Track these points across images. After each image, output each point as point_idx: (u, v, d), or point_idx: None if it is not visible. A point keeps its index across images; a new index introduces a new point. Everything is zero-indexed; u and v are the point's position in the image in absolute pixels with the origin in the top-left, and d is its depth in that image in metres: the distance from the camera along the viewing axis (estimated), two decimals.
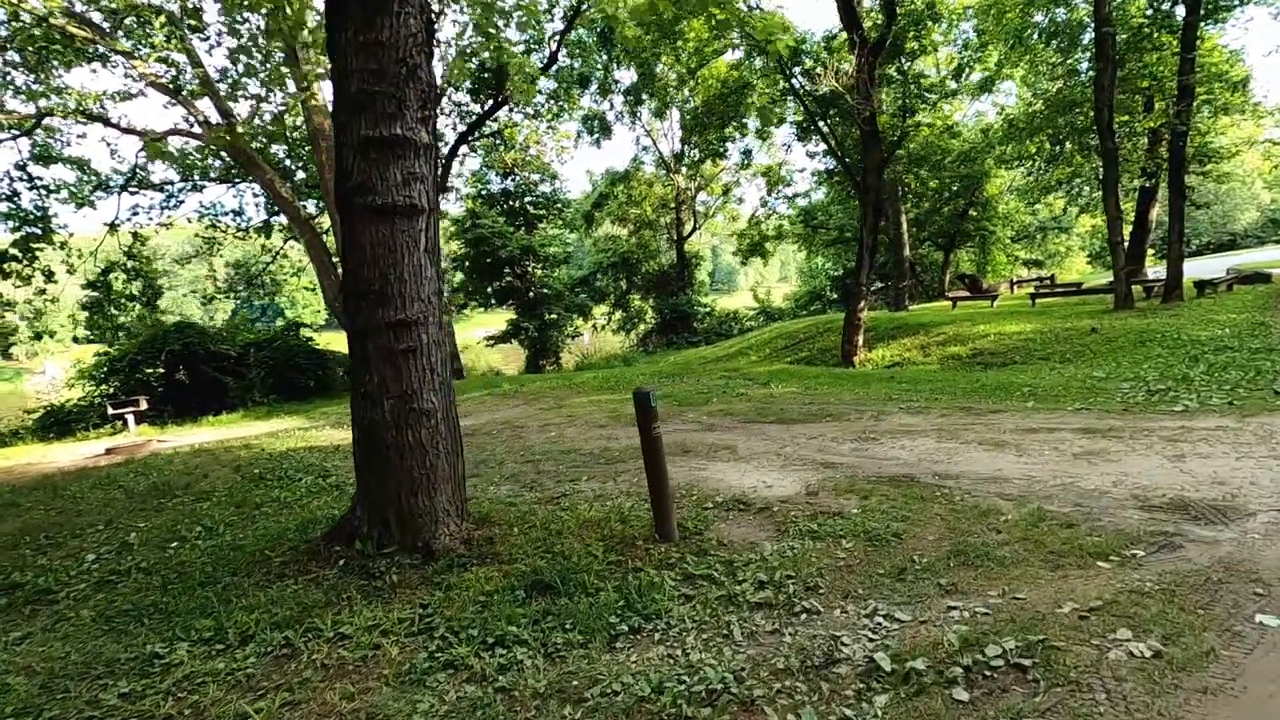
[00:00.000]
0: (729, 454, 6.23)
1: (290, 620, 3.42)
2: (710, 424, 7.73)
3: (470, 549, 4.18)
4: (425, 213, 4.14)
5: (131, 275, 19.47)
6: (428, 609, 3.45)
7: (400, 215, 4.02)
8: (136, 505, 6.54)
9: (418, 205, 4.08)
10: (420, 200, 4.10)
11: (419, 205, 4.09)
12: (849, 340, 14.44)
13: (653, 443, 3.98)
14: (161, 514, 6.13)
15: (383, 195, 3.96)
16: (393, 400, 4.10)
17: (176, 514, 6.05)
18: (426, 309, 4.16)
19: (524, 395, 12.36)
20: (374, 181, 3.95)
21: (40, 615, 4.01)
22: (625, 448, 6.87)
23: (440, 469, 4.22)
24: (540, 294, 26.63)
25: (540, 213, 28.07)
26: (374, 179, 3.95)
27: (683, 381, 11.96)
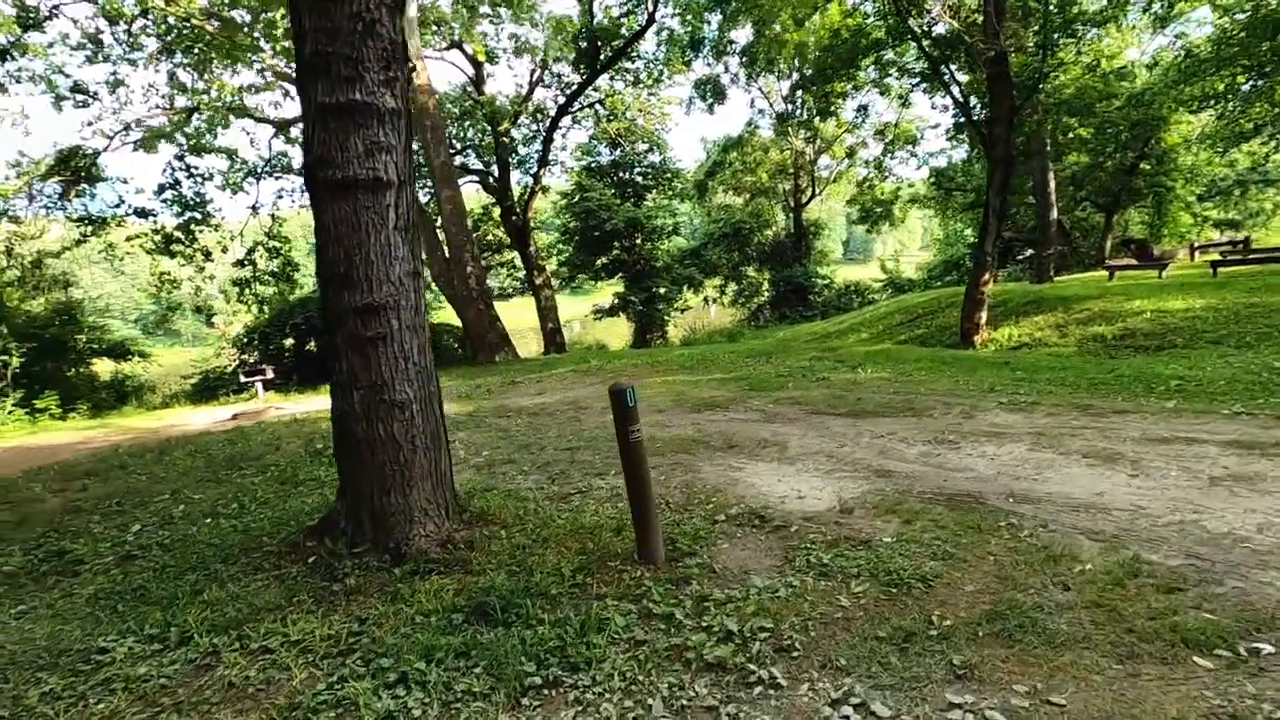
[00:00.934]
0: (776, 452, 5.49)
1: (232, 623, 3.26)
2: (773, 414, 6.96)
3: (447, 552, 3.85)
4: (393, 186, 3.78)
5: (272, 254, 21.30)
6: (364, 625, 3.14)
7: (363, 190, 3.68)
8: (208, 475, 6.92)
9: (383, 178, 3.72)
10: (386, 172, 3.74)
11: (384, 178, 3.73)
12: (969, 317, 12.79)
13: (631, 449, 3.41)
14: (220, 486, 6.41)
15: (342, 168, 3.63)
16: (362, 391, 3.82)
17: (232, 487, 6.29)
18: (398, 292, 3.81)
19: (605, 373, 12.06)
20: (333, 153, 3.63)
21: (56, 588, 4.18)
22: (672, 438, 6.31)
23: (416, 465, 3.91)
24: (648, 266, 26.26)
25: (649, 183, 27.55)
26: (333, 150, 3.63)
27: (769, 362, 11.10)
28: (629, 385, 3.39)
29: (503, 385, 12.33)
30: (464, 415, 8.99)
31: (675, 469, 5.30)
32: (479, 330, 17.54)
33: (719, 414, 7.25)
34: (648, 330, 26.22)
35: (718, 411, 7.39)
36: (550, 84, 19.08)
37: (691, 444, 6.02)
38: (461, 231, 17.31)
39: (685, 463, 5.47)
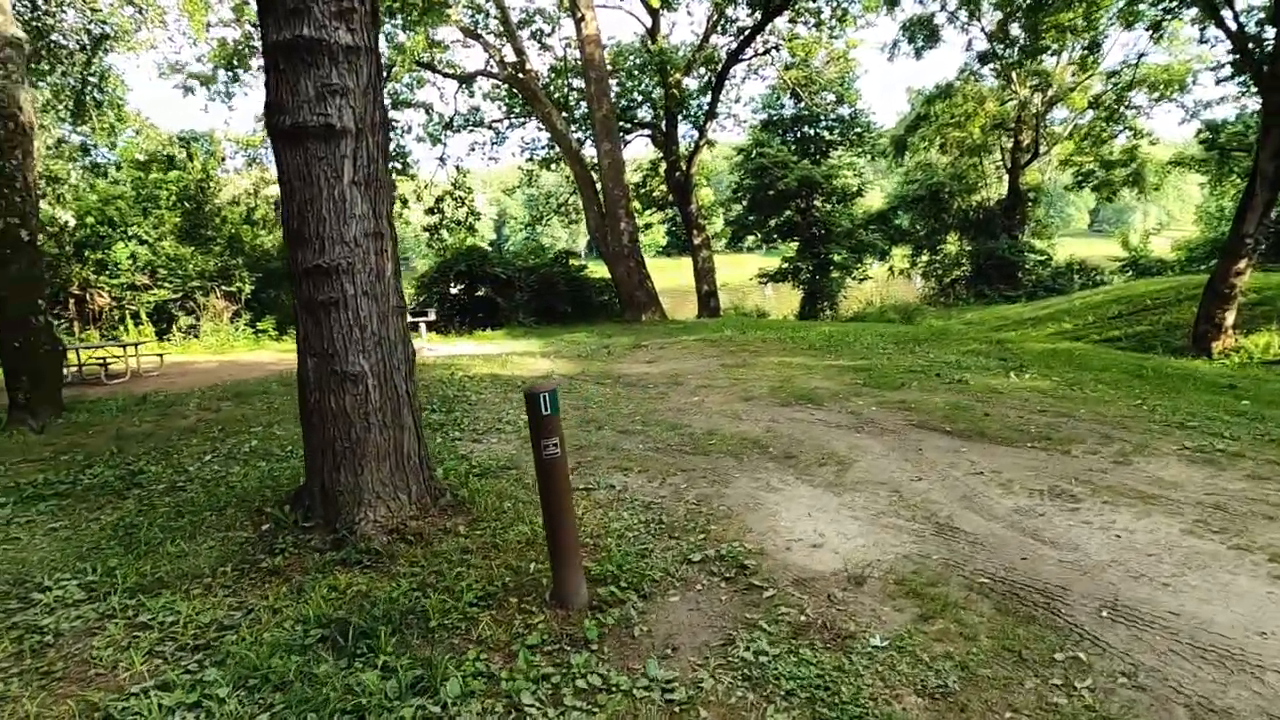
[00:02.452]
0: (833, 473, 4.45)
1: (152, 586, 3.20)
2: (867, 420, 5.76)
3: (392, 542, 3.52)
4: (349, 135, 3.36)
5: (457, 202, 22.83)
6: (246, 616, 2.90)
7: (313, 138, 3.31)
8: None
9: (335, 126, 3.32)
10: (341, 119, 3.33)
11: (338, 125, 3.33)
12: (1209, 317, 9.92)
13: (546, 468, 2.74)
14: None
15: (292, 114, 3.29)
16: (315, 359, 3.55)
17: None
18: (352, 254, 3.44)
19: (732, 345, 11.18)
20: (284, 98, 3.29)
21: (98, 511, 4.55)
22: (731, 436, 5.47)
23: (370, 443, 3.59)
24: (825, 230, 24.24)
25: (835, 139, 25.20)
26: (284, 95, 3.29)
27: (912, 351, 9.48)
28: (548, 389, 2.70)
29: (628, 347, 12.00)
30: (561, 378, 8.77)
31: (703, 478, 4.50)
32: (628, 288, 17.37)
33: (806, 412, 6.20)
34: (816, 299, 24.37)
35: (808, 408, 6.32)
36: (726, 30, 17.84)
37: (747, 447, 5.14)
38: (618, 186, 17.07)
39: (721, 472, 4.64)
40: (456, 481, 4.49)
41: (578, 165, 17.76)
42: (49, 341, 8.34)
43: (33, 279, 8.33)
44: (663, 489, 4.38)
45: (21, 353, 8.05)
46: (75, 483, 5.12)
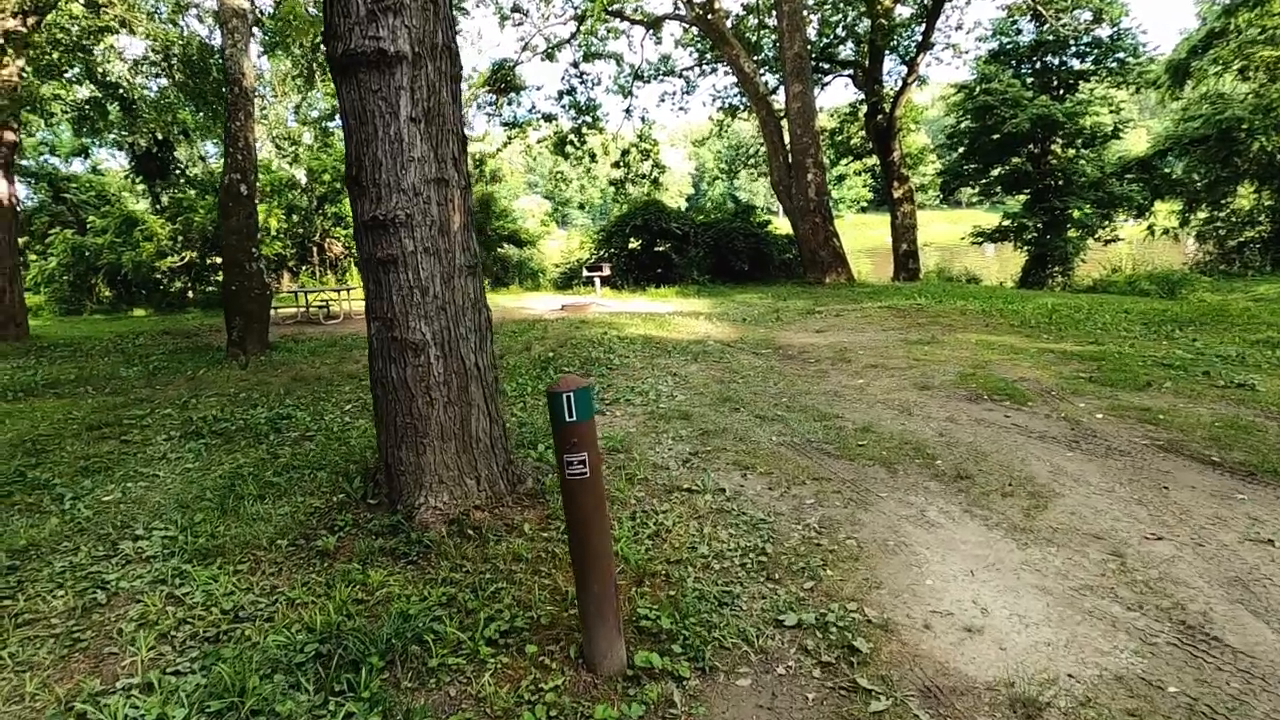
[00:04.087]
0: (1019, 510, 3.25)
1: (210, 551, 3.09)
2: (1082, 431, 4.29)
3: (453, 535, 3.11)
4: (406, 61, 2.84)
5: (642, 156, 22.51)
6: (261, 607, 2.63)
7: (367, 67, 2.83)
8: None
9: (389, 50, 2.81)
10: (395, 42, 2.81)
11: (391, 50, 2.81)
12: None
13: (571, 491, 2.05)
14: None
15: (343, 39, 2.83)
16: (376, 324, 3.18)
17: None
18: (411, 204, 2.97)
19: (922, 315, 9.55)
20: (335, 20, 2.84)
21: (238, 452, 4.74)
22: (892, 436, 4.39)
23: (433, 421, 3.18)
24: (1063, 181, 20.25)
25: (1086, 68, 20.71)
26: (335, 17, 2.83)
27: (1168, 337, 7.25)
28: (577, 386, 1.99)
29: (800, 313, 10.87)
30: (716, 346, 8.02)
31: (837, 494, 3.55)
32: (812, 246, 15.88)
33: (1000, 411, 4.83)
34: (1044, 264, 20.60)
35: (1003, 407, 4.94)
36: None
37: (907, 456, 4.04)
38: (807, 133, 15.47)
39: (864, 487, 3.64)
40: (550, 464, 4.01)
41: (764, 111, 16.38)
42: (260, 286, 9.33)
43: (249, 229, 9.31)
44: (782, 502, 3.51)
45: (237, 295, 9.08)
46: (234, 422, 5.47)
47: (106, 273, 16.96)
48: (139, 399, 6.66)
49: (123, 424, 5.60)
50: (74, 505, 3.79)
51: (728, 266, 16.61)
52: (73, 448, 5.00)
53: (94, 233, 17.57)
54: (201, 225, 16.74)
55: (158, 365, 8.54)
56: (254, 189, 9.54)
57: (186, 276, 17.46)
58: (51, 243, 17.60)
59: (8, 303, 11.42)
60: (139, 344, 10.80)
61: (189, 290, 17.61)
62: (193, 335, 11.95)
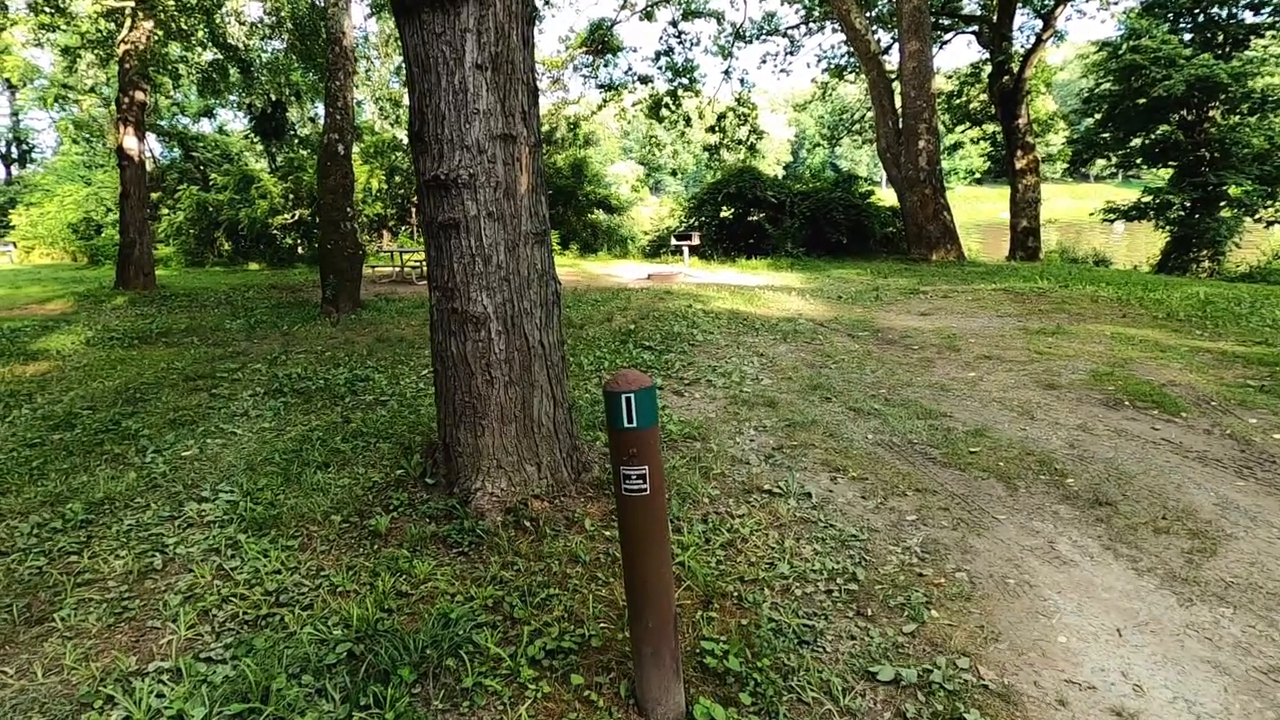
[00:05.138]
0: (1179, 554, 2.66)
1: (266, 522, 3.00)
2: (1257, 455, 3.54)
3: (509, 525, 2.89)
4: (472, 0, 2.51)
5: (740, 121, 21.58)
6: (304, 591, 2.49)
7: (430, 6, 2.53)
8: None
9: None
10: None
11: None
12: None
13: (627, 509, 1.72)
14: None
15: None
16: (437, 294, 2.94)
17: None
18: (475, 162, 2.68)
19: (1046, 301, 8.55)
20: None
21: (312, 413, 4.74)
22: (1013, 443, 3.81)
23: (493, 401, 2.94)
24: (1219, 153, 17.80)
25: (1262, 21, 17.92)
26: None
27: None
28: (639, 386, 1.64)
29: (902, 292, 10.06)
30: (808, 324, 7.49)
31: (944, 511, 3.06)
32: (919, 219, 14.71)
33: (1146, 422, 4.11)
34: (1189, 248, 18.28)
35: (1150, 417, 4.21)
36: None
37: (1030, 470, 3.47)
38: (921, 96, 14.21)
39: (978, 505, 3.13)
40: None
41: (875, 71, 15.16)
42: (353, 245, 9.50)
43: (345, 188, 9.46)
44: (878, 515, 3.06)
45: (332, 254, 9.29)
46: (315, 381, 5.51)
47: (226, 228, 18.05)
48: (236, 352, 6.89)
49: (216, 376, 5.77)
50: (154, 459, 3.85)
51: (824, 239, 15.69)
52: (167, 398, 5.16)
53: (216, 190, 18.72)
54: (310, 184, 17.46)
55: (259, 319, 8.89)
56: (350, 149, 9.67)
57: (297, 233, 18.32)
58: (180, 197, 18.92)
59: (138, 254, 12.26)
60: (248, 297, 11.35)
61: (298, 247, 18.51)
62: (297, 290, 12.47)
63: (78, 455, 3.97)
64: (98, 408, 4.93)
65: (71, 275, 16.20)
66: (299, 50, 14.83)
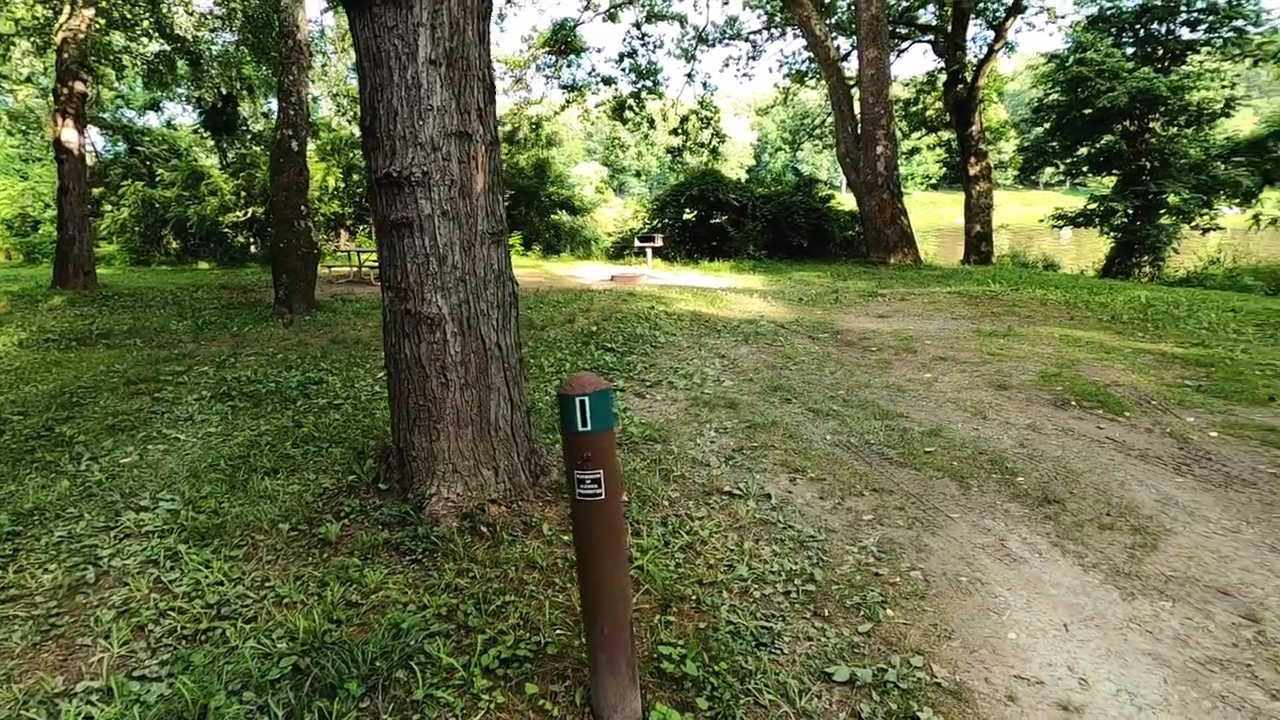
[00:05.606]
0: (1122, 549, 2.74)
1: (209, 531, 2.88)
2: (1195, 451, 3.68)
3: (465, 530, 2.82)
4: None
5: (702, 124, 21.71)
6: (248, 604, 2.39)
7: (379, 1, 2.46)
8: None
9: None
10: None
11: None
12: None
13: (582, 515, 1.69)
14: None
15: None
16: (390, 295, 2.86)
17: None
18: (428, 159, 2.61)
19: (996, 305, 8.80)
20: None
21: (260, 418, 4.58)
22: (966, 442, 3.89)
23: (448, 404, 2.87)
24: (1161, 162, 18.59)
25: (1197, 38, 18.80)
26: None
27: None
28: (594, 388, 1.61)
29: (861, 295, 10.22)
30: (769, 326, 7.54)
31: (900, 510, 3.10)
32: (878, 223, 15.00)
33: (1092, 421, 4.25)
34: (1131, 253, 19.05)
35: (1096, 416, 4.35)
36: None
37: (983, 469, 3.55)
38: (879, 103, 14.50)
39: (932, 504, 3.18)
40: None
41: (834, 77, 15.41)
42: (307, 244, 9.24)
43: (299, 186, 9.19)
44: (835, 515, 3.09)
45: (285, 253, 9.01)
46: (266, 385, 5.33)
47: (174, 225, 17.40)
48: (182, 354, 6.64)
49: (159, 380, 5.53)
50: (89, 467, 3.67)
51: (786, 242, 15.89)
52: (106, 403, 4.94)
53: (163, 186, 18.03)
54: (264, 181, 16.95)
55: (208, 320, 8.58)
56: (304, 145, 9.41)
57: (250, 232, 17.77)
58: (124, 193, 18.17)
59: (77, 252, 11.72)
60: (196, 297, 10.96)
61: (251, 245, 17.95)
62: (249, 290, 12.09)
63: (5, 464, 3.76)
64: (29, 413, 4.69)
65: (5, 274, 15.41)
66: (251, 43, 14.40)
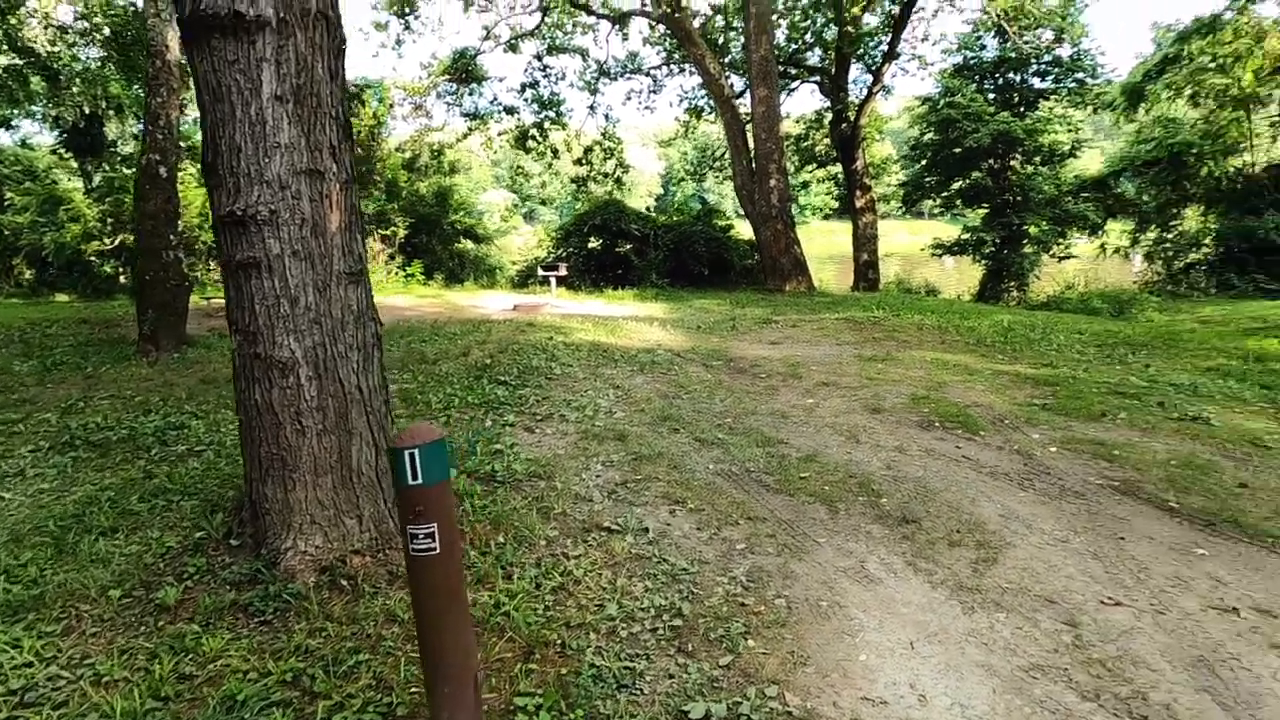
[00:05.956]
0: (968, 564, 2.94)
1: (27, 605, 2.58)
2: (1036, 467, 4.02)
3: (324, 586, 2.66)
4: (268, 28, 2.38)
5: (607, 154, 22.07)
6: (60, 686, 2.15)
7: (222, 32, 2.37)
8: (390, 366, 6.90)
9: (247, 14, 2.35)
10: (256, 4, 2.35)
11: (250, 14, 2.35)
12: None
13: (416, 571, 1.64)
14: None
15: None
16: (239, 338, 2.71)
17: None
18: (276, 197, 2.51)
19: (880, 329, 9.34)
20: None
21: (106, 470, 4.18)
22: (839, 466, 4.07)
23: (305, 452, 2.72)
24: (1020, 197, 20.50)
25: (1047, 86, 21.00)
26: None
27: (1126, 363, 7.14)
28: (426, 439, 1.57)
29: (757, 322, 10.58)
30: (666, 355, 7.65)
31: (771, 538, 3.20)
32: (773, 253, 15.67)
33: (952, 441, 4.56)
34: (1001, 279, 20.83)
35: (955, 436, 4.68)
36: None
37: (851, 492, 3.72)
38: (771, 138, 15.24)
39: (802, 530, 3.30)
40: (463, 491, 3.58)
41: (729, 114, 16.10)
42: (177, 277, 8.62)
43: (168, 214, 8.59)
44: (710, 546, 3.15)
45: (152, 285, 8.37)
46: (117, 431, 4.89)
47: (28, 254, 15.82)
48: (22, 399, 6.00)
49: None
50: None
51: (688, 270, 16.31)
52: None
53: (14, 211, 16.38)
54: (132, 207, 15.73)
55: (58, 359, 7.82)
56: (174, 171, 8.84)
57: (118, 261, 16.38)
58: None
59: None
60: (49, 334, 9.98)
61: (120, 276, 16.54)
62: (112, 325, 11.11)
63: None
64: None
65: None
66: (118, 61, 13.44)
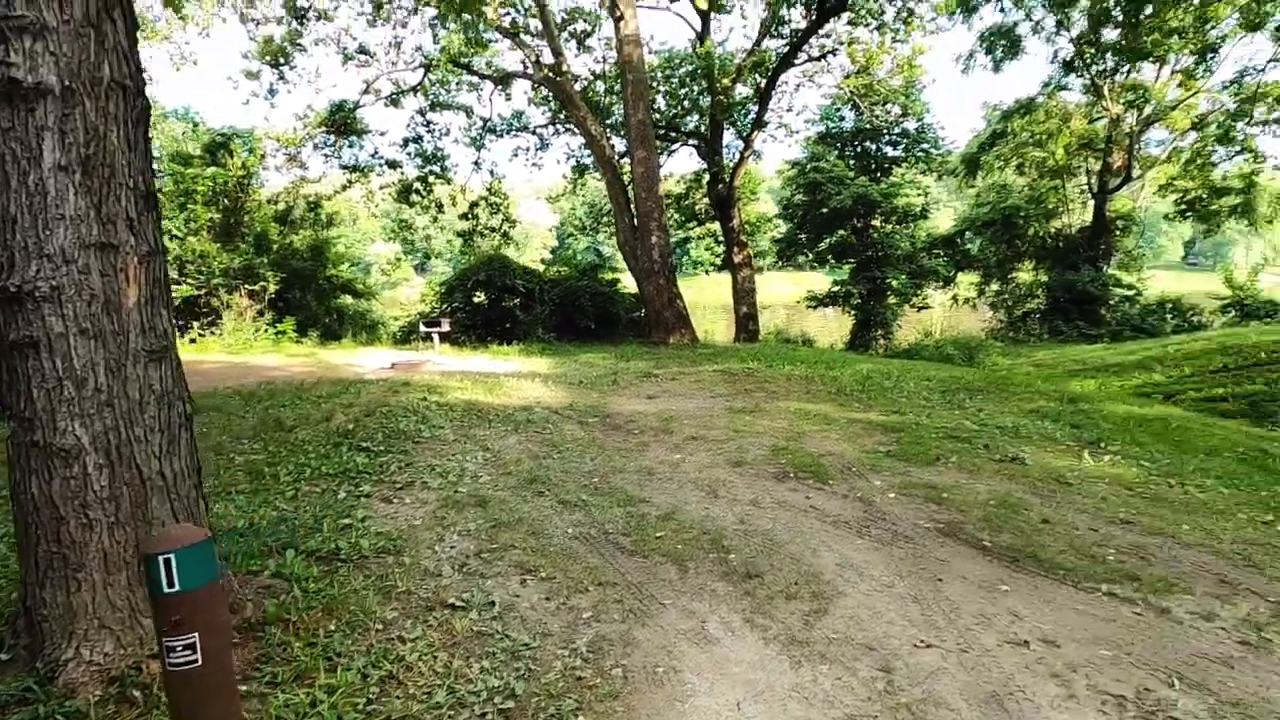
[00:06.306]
0: (800, 617, 3.07)
1: None
2: (874, 514, 4.31)
3: (111, 698, 2.37)
4: (51, 96, 2.25)
5: (493, 209, 22.11)
6: None
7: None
8: (248, 434, 6.40)
9: (24, 81, 2.21)
10: (35, 71, 2.22)
11: (28, 81, 2.22)
12: None
13: (175, 685, 1.51)
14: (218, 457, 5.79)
15: None
16: (14, 425, 2.44)
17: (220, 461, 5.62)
18: (59, 272, 2.33)
19: (750, 381, 9.76)
20: None
21: None
22: (695, 524, 4.15)
23: (94, 549, 2.46)
24: (881, 253, 22.40)
25: (898, 154, 23.33)
26: None
27: (961, 407, 7.85)
28: (186, 542, 1.48)
29: (638, 375, 10.75)
30: (542, 413, 7.59)
31: (618, 604, 3.20)
32: (656, 306, 16.12)
33: (802, 492, 4.79)
34: (869, 328, 22.50)
35: (806, 486, 4.92)
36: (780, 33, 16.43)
37: (703, 550, 3.81)
38: (651, 197, 15.87)
39: (650, 593, 3.32)
40: (296, 574, 3.34)
41: (611, 173, 16.66)
42: None
43: None
44: (556, 617, 3.10)
45: None
46: None
47: None
48: None
49: None
50: None
51: (574, 324, 16.44)
52: None
53: None
54: None
55: None
56: None
57: None
58: None
59: None
60: None
61: None
62: None
63: None
64: None
65: None
66: None
